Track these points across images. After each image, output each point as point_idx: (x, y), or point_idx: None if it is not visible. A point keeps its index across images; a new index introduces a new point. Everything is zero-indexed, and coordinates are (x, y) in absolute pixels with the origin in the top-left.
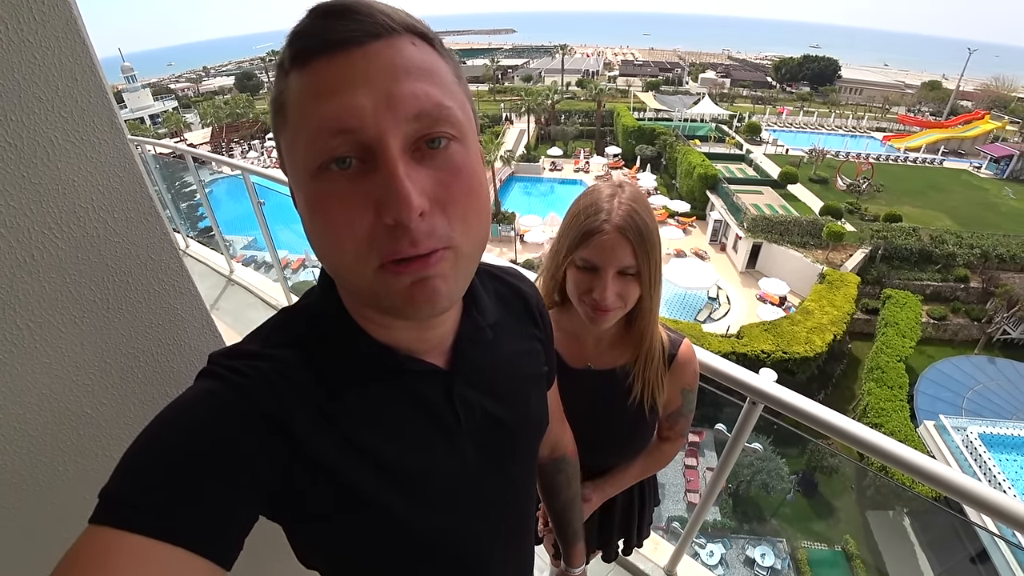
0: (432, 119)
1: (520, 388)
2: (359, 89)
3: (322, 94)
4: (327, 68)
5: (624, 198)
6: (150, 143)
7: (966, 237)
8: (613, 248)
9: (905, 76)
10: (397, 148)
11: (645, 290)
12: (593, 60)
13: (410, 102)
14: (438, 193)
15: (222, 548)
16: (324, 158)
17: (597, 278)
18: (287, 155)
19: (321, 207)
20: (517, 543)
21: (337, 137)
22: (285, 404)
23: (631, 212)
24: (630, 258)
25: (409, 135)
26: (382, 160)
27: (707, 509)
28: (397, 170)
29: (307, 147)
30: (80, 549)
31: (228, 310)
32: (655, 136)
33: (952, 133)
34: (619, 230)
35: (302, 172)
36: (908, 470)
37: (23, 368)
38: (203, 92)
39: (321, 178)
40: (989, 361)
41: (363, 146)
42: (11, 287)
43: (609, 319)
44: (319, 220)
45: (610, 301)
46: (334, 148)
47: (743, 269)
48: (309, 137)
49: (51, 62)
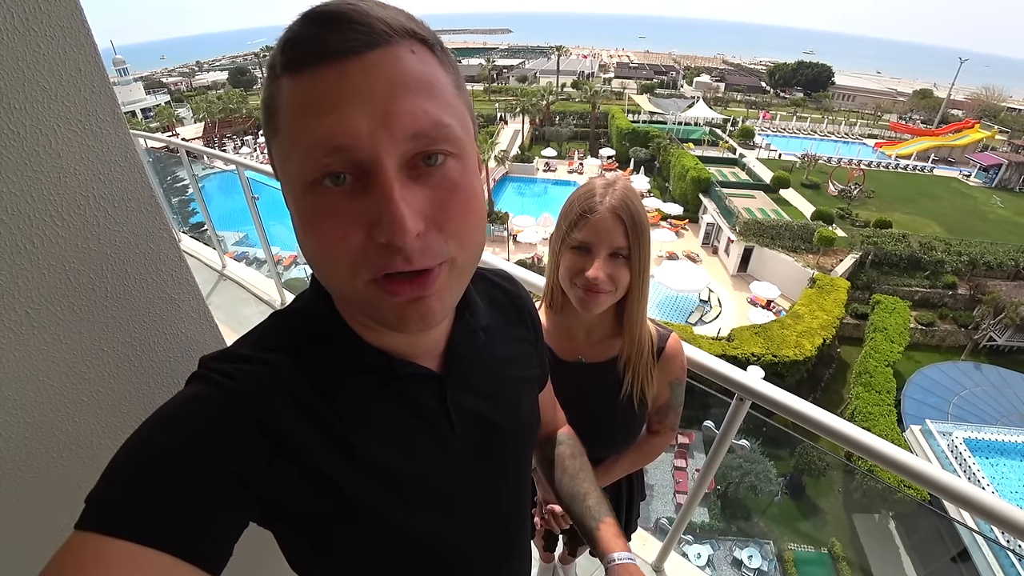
0: (430, 138)
1: (512, 390)
2: (355, 106)
3: (316, 109)
4: (322, 80)
5: (618, 187)
6: (143, 136)
7: (955, 244)
8: (607, 228)
9: (897, 84)
10: (392, 168)
11: (635, 278)
12: (588, 62)
13: (407, 121)
14: (434, 212)
15: (210, 554)
16: (318, 174)
17: (590, 258)
18: (279, 164)
19: (314, 222)
20: (512, 544)
21: (332, 155)
22: (276, 408)
23: (625, 198)
24: (622, 239)
25: (405, 153)
26: (377, 180)
27: (695, 504)
28: (392, 192)
29: (300, 162)
30: (66, 555)
31: (220, 305)
32: (649, 139)
33: (943, 141)
34: (613, 210)
35: (295, 185)
36: (891, 467)
37: (21, 355)
38: (196, 87)
39: (315, 193)
40: (975, 367)
41: (358, 164)
42: (10, 274)
43: (600, 302)
44: (311, 235)
45: (602, 280)
46: (328, 165)
47: (735, 272)
48: (303, 152)
49: (55, 51)
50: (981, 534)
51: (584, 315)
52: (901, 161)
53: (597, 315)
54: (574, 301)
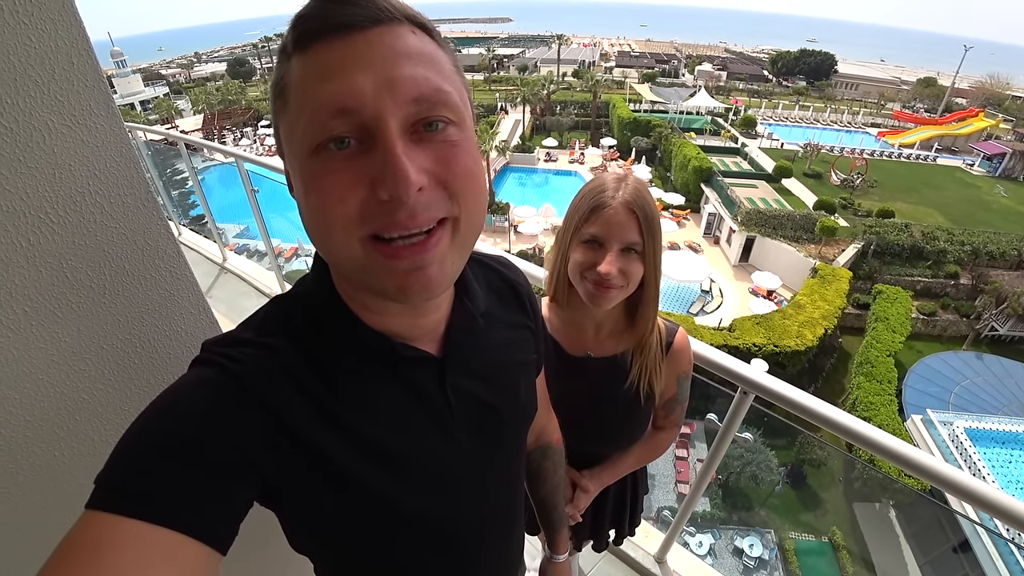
0: (431, 103)
1: (510, 375)
2: (360, 71)
3: (323, 76)
4: (329, 51)
5: (630, 182)
6: (142, 129)
7: (957, 234)
8: (620, 222)
9: (901, 72)
10: (396, 129)
11: (649, 271)
12: (589, 51)
13: (410, 85)
14: (437, 170)
15: (217, 532)
16: (322, 138)
17: (601, 252)
18: (286, 137)
19: (315, 184)
20: (506, 527)
21: (337, 117)
22: (278, 390)
23: (638, 193)
24: (635, 234)
25: (408, 117)
26: (380, 139)
27: (697, 497)
28: (395, 147)
29: (306, 127)
30: (76, 534)
31: (221, 298)
32: (651, 128)
33: (946, 130)
34: (627, 205)
35: (300, 153)
36: (893, 459)
37: (19, 353)
38: (194, 78)
39: (318, 157)
40: (977, 357)
41: (362, 126)
42: (7, 272)
43: (611, 297)
44: (312, 197)
45: (613, 275)
46: (333, 128)
47: (736, 262)
48: (308, 118)
49: (47, 45)
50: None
51: (594, 310)
52: (904, 150)
53: (607, 310)
54: (583, 296)
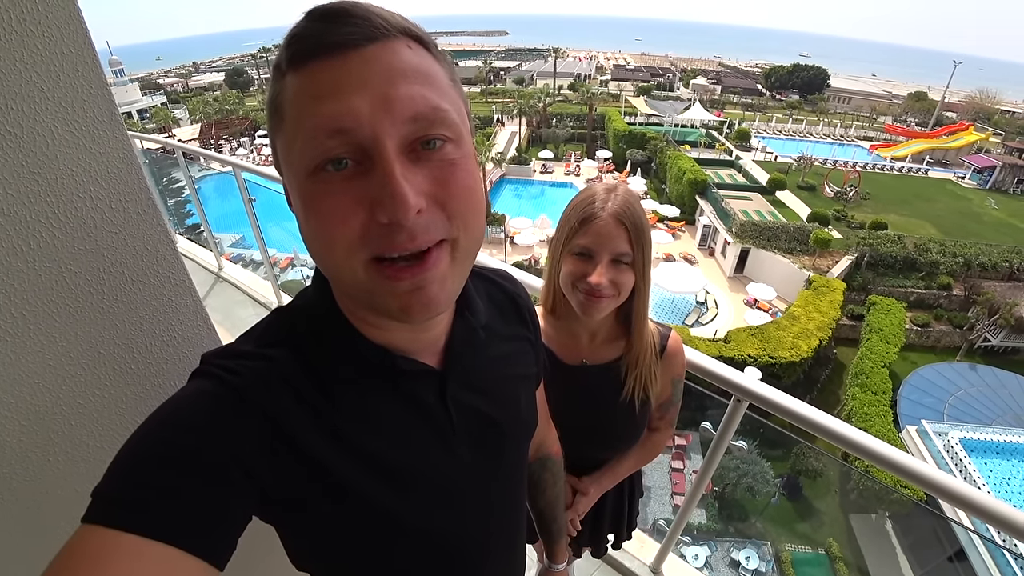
0: (428, 121)
1: (511, 388)
2: (356, 91)
3: (319, 96)
4: (324, 70)
5: (620, 193)
6: (139, 137)
7: (949, 246)
8: (609, 234)
9: (892, 87)
10: (393, 149)
11: (639, 280)
12: (585, 64)
13: (406, 104)
14: (435, 191)
15: (215, 547)
16: (320, 159)
17: (592, 264)
18: (283, 156)
19: (315, 206)
20: (510, 540)
21: (333, 138)
22: (278, 403)
23: (627, 204)
24: (625, 245)
25: (405, 137)
26: (378, 160)
27: (693, 505)
28: (393, 170)
29: (303, 148)
30: (73, 548)
31: (217, 307)
32: (646, 141)
33: (937, 143)
34: (616, 216)
35: (298, 173)
36: (888, 467)
37: (16, 357)
38: (192, 88)
39: (317, 179)
40: (970, 368)
41: (359, 147)
42: (7, 275)
43: (602, 307)
44: (312, 218)
45: (604, 285)
46: (330, 149)
47: (731, 274)
48: (305, 138)
49: (53, 52)
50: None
51: (586, 320)
52: (896, 163)
53: (600, 318)
54: (575, 306)
